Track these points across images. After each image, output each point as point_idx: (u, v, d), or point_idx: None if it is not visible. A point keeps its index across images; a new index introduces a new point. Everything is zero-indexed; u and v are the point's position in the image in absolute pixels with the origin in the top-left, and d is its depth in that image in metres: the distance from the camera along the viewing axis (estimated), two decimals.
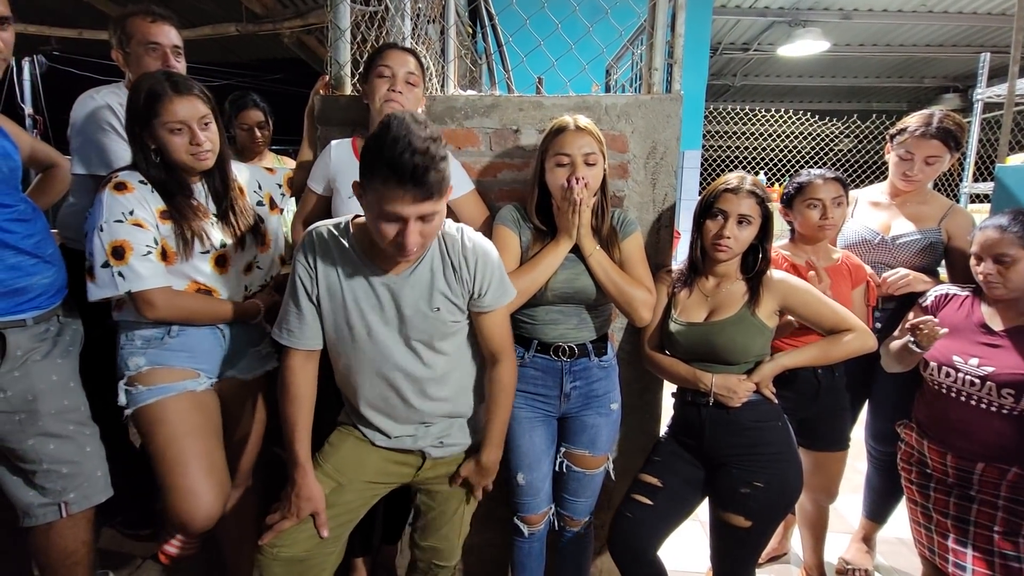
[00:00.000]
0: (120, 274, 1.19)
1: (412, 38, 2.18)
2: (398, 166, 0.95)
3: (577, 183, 1.27)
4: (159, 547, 1.57)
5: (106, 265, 1.19)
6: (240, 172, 1.45)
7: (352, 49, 1.69)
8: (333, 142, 1.50)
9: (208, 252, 1.32)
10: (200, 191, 1.34)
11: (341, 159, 1.47)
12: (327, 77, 1.68)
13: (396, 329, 1.16)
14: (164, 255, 1.27)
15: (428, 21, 2.53)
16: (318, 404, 1.24)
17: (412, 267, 1.14)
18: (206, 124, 1.26)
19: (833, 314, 1.33)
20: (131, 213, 1.21)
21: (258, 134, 2.21)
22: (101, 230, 1.20)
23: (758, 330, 1.33)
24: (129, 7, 1.62)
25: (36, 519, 1.27)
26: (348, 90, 1.66)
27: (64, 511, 1.27)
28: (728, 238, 1.31)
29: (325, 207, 1.52)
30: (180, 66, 1.64)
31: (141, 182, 1.25)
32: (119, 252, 1.20)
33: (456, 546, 1.37)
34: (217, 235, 1.33)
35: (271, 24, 4.11)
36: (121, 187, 1.22)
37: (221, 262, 1.35)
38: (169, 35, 1.62)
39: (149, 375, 1.29)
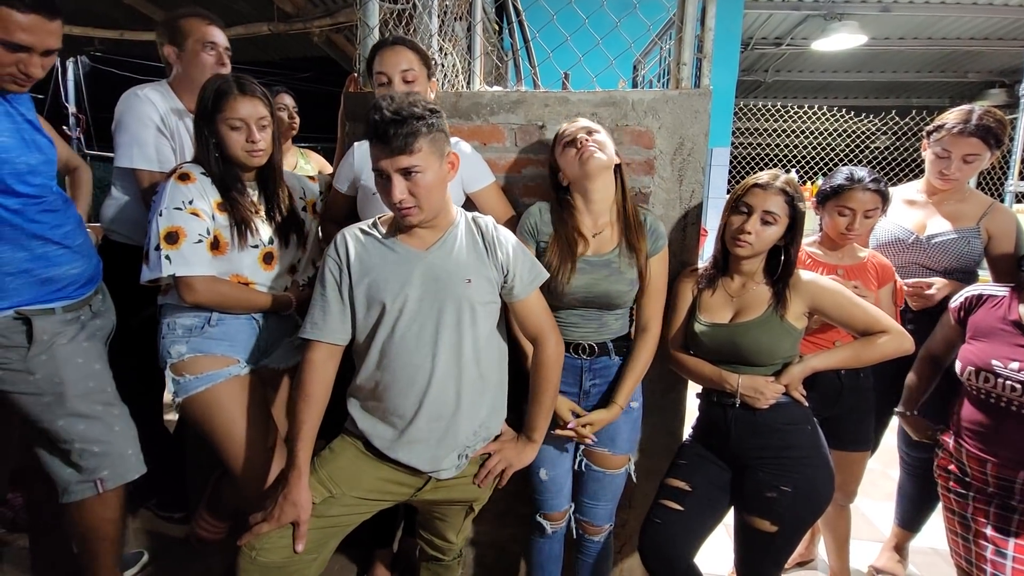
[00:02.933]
0: (168, 257, 1.25)
1: (439, 35, 2.19)
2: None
3: (584, 143, 1.28)
4: (191, 530, 1.62)
5: (158, 248, 1.25)
6: (287, 179, 1.50)
7: None
8: (357, 143, 1.53)
9: (257, 247, 1.37)
10: (253, 189, 1.40)
11: (364, 158, 1.50)
12: (356, 75, 1.70)
13: (428, 304, 1.16)
14: (217, 244, 1.32)
15: (455, 18, 2.55)
16: (332, 410, 1.23)
17: (440, 240, 1.19)
18: (263, 126, 1.33)
19: (866, 315, 1.29)
20: (190, 202, 1.28)
21: (290, 117, 2.23)
22: (160, 215, 1.26)
23: (786, 332, 1.30)
24: (182, 9, 1.69)
25: (74, 495, 1.34)
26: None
27: (100, 487, 1.34)
28: (749, 233, 1.27)
29: (350, 206, 1.55)
30: (227, 69, 1.71)
31: (203, 174, 1.32)
32: (172, 237, 1.26)
33: (454, 543, 1.38)
34: (266, 231, 1.39)
35: (301, 23, 4.18)
36: (185, 177, 1.30)
37: (268, 259, 1.41)
38: (223, 38, 1.71)
39: (193, 363, 1.33)
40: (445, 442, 1.19)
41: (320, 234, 1.62)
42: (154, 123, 1.61)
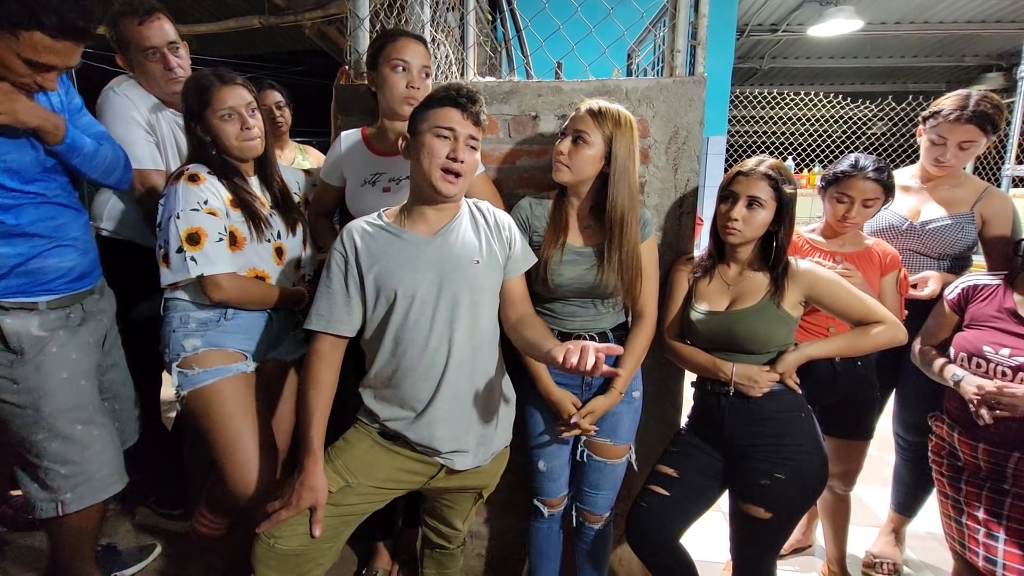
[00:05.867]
0: (193, 259, 1.24)
1: (431, 25, 2.17)
2: (454, 91, 1.16)
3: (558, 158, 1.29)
4: (191, 526, 1.63)
5: (180, 251, 1.24)
6: (283, 173, 1.49)
7: (372, 37, 1.69)
8: (343, 133, 1.52)
9: (271, 241, 1.38)
10: (255, 184, 1.40)
11: (351, 149, 1.49)
12: (347, 67, 1.69)
13: (440, 288, 1.17)
14: (234, 240, 1.32)
15: (447, 8, 2.52)
16: (341, 403, 1.24)
17: (446, 225, 1.21)
18: (252, 111, 1.33)
19: (862, 306, 1.29)
20: (205, 203, 1.28)
21: (276, 114, 2.18)
22: (178, 218, 1.25)
23: (782, 320, 1.30)
24: (115, 6, 1.57)
25: (40, 512, 1.33)
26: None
27: (60, 510, 1.32)
28: (736, 220, 1.28)
29: (339, 198, 1.54)
30: (182, 60, 1.62)
31: (209, 173, 1.32)
32: (194, 239, 1.25)
33: (460, 530, 1.41)
34: (277, 223, 1.40)
35: (293, 16, 4.13)
36: (195, 178, 1.29)
37: (280, 253, 1.42)
38: (163, 31, 1.58)
39: (205, 357, 1.33)
40: (463, 421, 1.21)
41: (311, 229, 1.61)
42: (136, 121, 1.59)
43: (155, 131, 1.62)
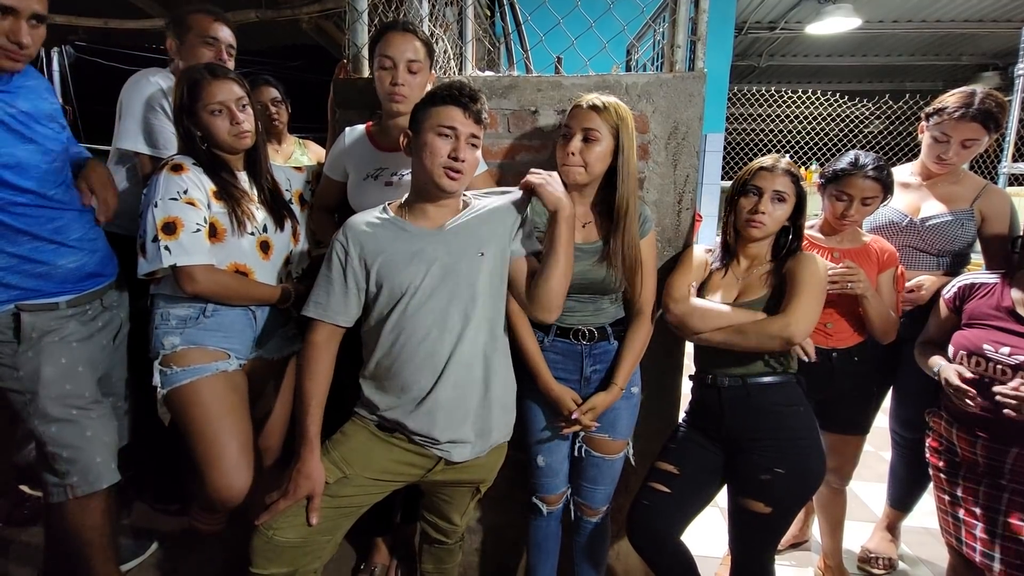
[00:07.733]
0: (167, 248, 1.23)
1: (429, 20, 2.16)
2: (455, 90, 1.16)
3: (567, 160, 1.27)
4: (189, 522, 1.62)
5: (155, 240, 1.23)
6: (274, 171, 1.48)
7: (370, 32, 1.68)
8: (347, 128, 1.51)
9: (254, 235, 1.36)
10: (244, 178, 1.39)
11: (355, 144, 1.48)
12: (346, 62, 1.68)
13: (441, 280, 1.18)
14: (214, 232, 1.31)
15: (446, 3, 2.51)
16: (337, 398, 1.24)
17: (453, 219, 1.22)
18: (243, 106, 1.32)
19: (789, 306, 1.27)
20: (185, 192, 1.27)
21: (273, 110, 2.15)
22: (156, 206, 1.24)
23: None
24: (192, 5, 1.67)
25: (52, 497, 1.33)
26: (366, 73, 1.66)
27: (70, 493, 1.32)
28: (763, 214, 1.30)
29: (342, 193, 1.53)
30: (230, 65, 1.67)
31: (195, 164, 1.31)
32: (170, 228, 1.24)
33: (459, 525, 1.41)
34: (261, 218, 1.38)
35: (290, 10, 4.11)
36: (177, 168, 1.28)
37: (265, 248, 1.40)
38: (229, 35, 1.67)
39: (184, 355, 1.32)
40: (462, 411, 1.21)
41: (311, 223, 1.60)
42: (163, 108, 1.60)
43: None
